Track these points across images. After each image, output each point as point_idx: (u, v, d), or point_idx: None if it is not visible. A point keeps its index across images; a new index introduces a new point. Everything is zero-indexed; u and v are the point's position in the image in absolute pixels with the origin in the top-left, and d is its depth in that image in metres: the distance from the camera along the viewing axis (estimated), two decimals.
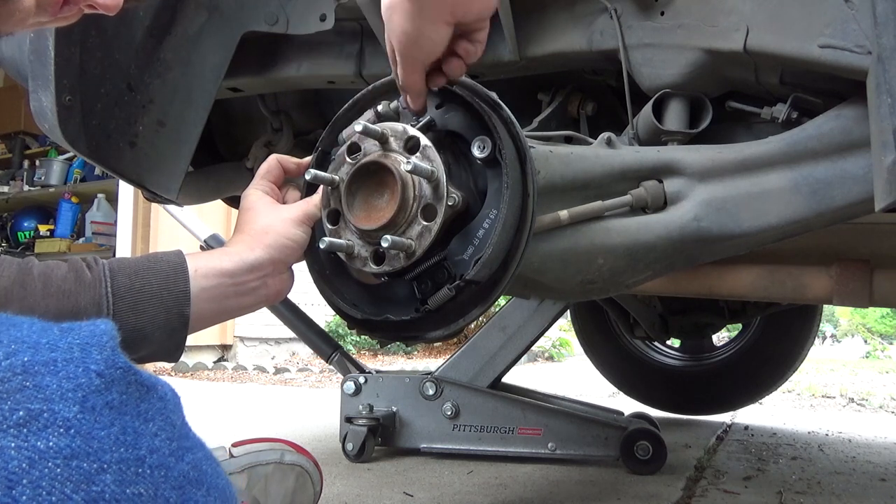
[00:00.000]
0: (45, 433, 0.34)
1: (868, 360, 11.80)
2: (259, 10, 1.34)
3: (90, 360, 0.38)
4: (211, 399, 3.54)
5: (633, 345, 2.99)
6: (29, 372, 0.36)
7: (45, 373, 0.36)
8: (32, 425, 0.34)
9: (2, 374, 0.35)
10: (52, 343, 0.38)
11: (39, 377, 0.36)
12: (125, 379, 0.39)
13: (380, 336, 0.89)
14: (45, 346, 0.38)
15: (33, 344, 0.37)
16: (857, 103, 1.00)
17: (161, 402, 0.40)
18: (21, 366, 0.36)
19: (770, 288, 1.51)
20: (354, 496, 1.60)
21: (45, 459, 0.34)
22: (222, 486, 0.41)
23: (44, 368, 0.36)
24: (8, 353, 0.36)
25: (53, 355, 0.37)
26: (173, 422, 0.40)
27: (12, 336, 0.37)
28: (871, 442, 2.67)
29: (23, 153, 6.36)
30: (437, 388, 2.01)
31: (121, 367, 0.39)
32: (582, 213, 0.99)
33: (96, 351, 0.38)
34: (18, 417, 0.34)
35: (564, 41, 1.20)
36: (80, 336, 0.39)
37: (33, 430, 0.34)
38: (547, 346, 7.59)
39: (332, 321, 6.31)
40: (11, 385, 0.35)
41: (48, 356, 0.37)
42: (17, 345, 0.37)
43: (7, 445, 0.33)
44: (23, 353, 0.37)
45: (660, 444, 1.88)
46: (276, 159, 0.90)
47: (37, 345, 0.37)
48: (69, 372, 0.37)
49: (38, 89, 1.25)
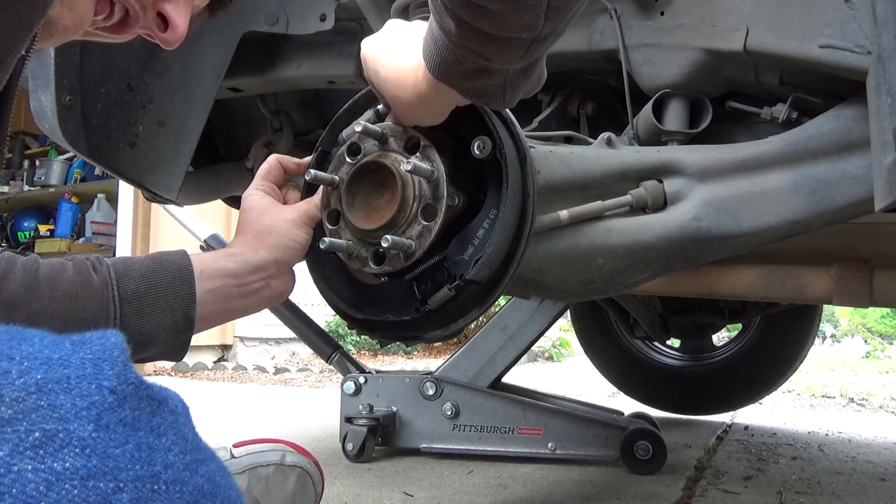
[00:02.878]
0: (62, 454, 0.35)
1: (868, 360, 11.79)
2: (259, 10, 1.34)
3: (102, 376, 0.38)
4: (211, 399, 3.53)
5: (633, 345, 2.99)
6: (43, 390, 0.36)
7: (59, 391, 0.36)
8: (49, 446, 0.35)
9: (17, 394, 0.35)
10: (65, 359, 0.38)
11: (53, 396, 0.36)
12: (137, 394, 0.39)
13: (380, 336, 0.89)
14: (57, 362, 0.38)
15: (45, 360, 0.37)
16: (857, 103, 1.00)
17: (172, 415, 0.40)
18: (35, 384, 0.36)
19: (770, 288, 1.51)
20: (354, 496, 1.60)
21: (63, 481, 0.34)
22: (234, 497, 0.42)
23: (57, 386, 0.36)
24: (21, 371, 0.36)
25: (66, 372, 0.37)
26: (185, 435, 0.40)
27: (24, 352, 0.37)
28: (871, 442, 2.67)
29: (23, 153, 6.36)
30: (437, 388, 2.01)
31: (132, 383, 0.39)
32: (582, 213, 0.99)
33: (108, 366, 0.39)
34: (35, 439, 0.34)
35: (564, 41, 1.20)
36: (91, 351, 0.39)
37: (49, 452, 0.34)
38: (547, 346, 7.58)
39: (332, 321, 6.31)
40: (26, 405, 0.35)
41: (61, 373, 0.37)
42: (29, 361, 0.37)
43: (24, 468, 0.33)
44: (36, 371, 0.37)
45: (660, 444, 1.88)
46: (276, 159, 0.90)
47: (49, 361, 0.37)
48: (82, 389, 0.37)
49: (38, 89, 1.25)
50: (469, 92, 0.73)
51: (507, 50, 0.67)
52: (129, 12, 0.66)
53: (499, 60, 0.69)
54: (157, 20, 0.69)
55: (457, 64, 0.70)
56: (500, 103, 0.75)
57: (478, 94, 0.73)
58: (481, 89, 0.73)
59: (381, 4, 1.20)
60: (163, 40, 0.70)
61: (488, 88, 0.73)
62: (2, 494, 0.32)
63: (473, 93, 0.73)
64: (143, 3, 0.67)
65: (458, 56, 0.69)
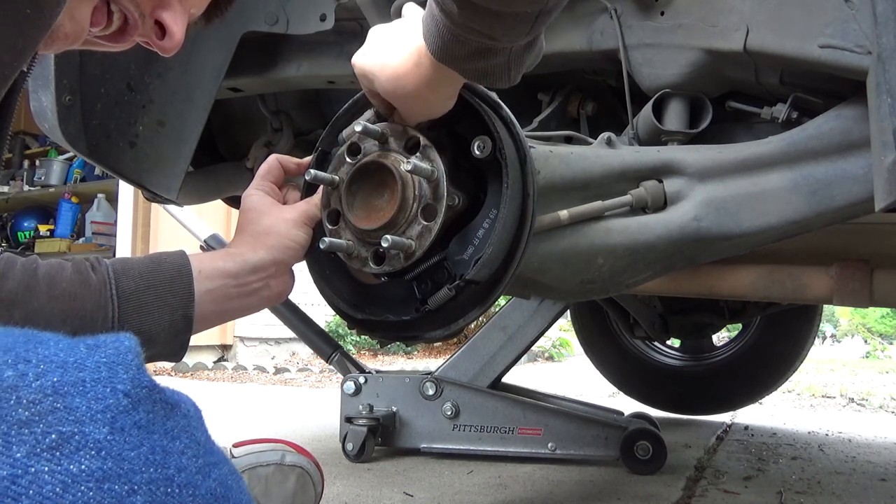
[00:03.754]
0: (78, 456, 0.35)
1: (868, 360, 11.78)
2: (259, 10, 1.34)
3: (117, 379, 0.38)
4: (211, 399, 3.53)
5: (633, 345, 2.99)
6: (59, 393, 0.36)
7: (75, 394, 0.37)
8: (65, 448, 0.35)
9: (33, 396, 0.36)
10: (80, 362, 0.38)
11: (69, 398, 0.36)
12: (151, 398, 0.39)
13: (380, 336, 0.89)
14: (72, 365, 0.38)
15: (61, 363, 0.38)
16: (857, 103, 1.00)
17: (185, 419, 0.41)
18: (51, 387, 0.36)
19: (770, 288, 1.51)
20: (354, 496, 1.60)
21: (78, 483, 0.34)
22: (245, 500, 0.42)
23: (73, 389, 0.37)
24: (38, 374, 0.37)
25: (82, 375, 0.38)
26: (198, 438, 0.41)
27: (40, 355, 0.38)
28: (871, 442, 2.67)
29: (23, 153, 6.36)
30: (437, 388, 2.01)
31: (146, 386, 0.39)
32: (582, 213, 0.99)
33: (122, 370, 0.39)
34: (51, 440, 0.35)
35: (564, 41, 1.20)
36: (105, 354, 0.39)
37: (66, 454, 0.35)
38: (547, 346, 7.58)
39: (332, 321, 6.31)
40: (43, 407, 0.36)
41: (77, 376, 0.37)
42: (45, 364, 0.37)
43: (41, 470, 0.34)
44: (52, 374, 0.37)
45: (660, 444, 1.88)
46: (276, 159, 0.90)
47: (65, 364, 0.38)
48: (97, 392, 0.37)
49: (38, 89, 1.25)
50: (472, 73, 0.73)
51: (514, 26, 0.67)
52: (129, 19, 0.67)
53: (505, 38, 0.68)
54: (154, 28, 0.69)
55: (459, 46, 0.69)
56: (504, 82, 0.74)
57: (481, 74, 0.73)
58: (485, 70, 0.72)
59: (381, 4, 1.20)
60: (160, 48, 0.70)
61: (492, 68, 0.72)
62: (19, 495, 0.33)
63: (477, 73, 0.73)
64: (141, 10, 0.67)
65: (460, 37, 0.69)
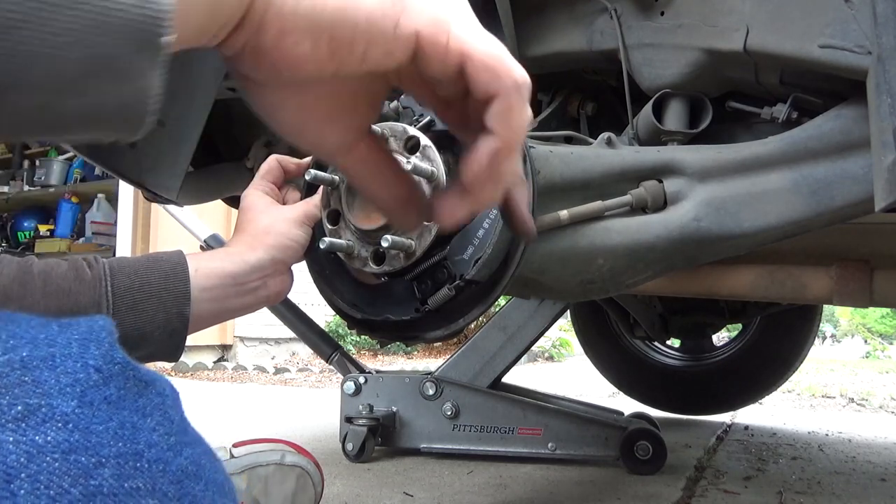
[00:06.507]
0: (44, 428, 0.34)
1: (868, 360, 11.79)
2: None
3: (88, 355, 0.38)
4: (211, 399, 3.53)
5: (633, 345, 2.99)
6: (27, 367, 0.36)
7: (44, 367, 0.36)
8: (31, 420, 0.34)
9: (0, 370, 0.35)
10: (51, 338, 0.38)
11: (38, 372, 0.36)
12: (123, 374, 0.39)
13: (380, 336, 0.89)
14: (43, 341, 0.37)
15: (31, 339, 0.37)
16: (857, 103, 1.00)
17: (159, 397, 0.40)
18: (19, 361, 0.36)
19: (770, 288, 1.51)
20: (354, 496, 1.60)
21: (44, 454, 0.34)
22: (221, 480, 0.41)
23: (42, 363, 0.36)
24: (6, 349, 0.36)
25: (52, 350, 0.37)
26: (171, 417, 0.40)
27: (10, 332, 0.37)
28: (871, 442, 2.67)
29: (23, 153, 6.37)
30: (437, 388, 2.01)
31: (118, 363, 0.39)
32: (582, 213, 0.99)
33: (94, 346, 0.38)
34: (17, 412, 0.34)
35: (564, 41, 1.20)
36: (78, 331, 0.39)
37: (31, 425, 0.34)
38: (547, 346, 7.59)
39: (332, 321, 6.31)
40: (10, 380, 0.35)
41: (46, 351, 0.37)
42: (15, 340, 0.37)
43: (5, 440, 0.33)
44: (21, 349, 0.36)
45: (660, 444, 1.88)
46: (276, 159, 0.90)
47: (35, 340, 0.37)
48: (67, 367, 0.37)
49: None
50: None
51: None
52: None
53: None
54: None
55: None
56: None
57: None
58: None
59: None
60: None
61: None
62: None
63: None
64: None
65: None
